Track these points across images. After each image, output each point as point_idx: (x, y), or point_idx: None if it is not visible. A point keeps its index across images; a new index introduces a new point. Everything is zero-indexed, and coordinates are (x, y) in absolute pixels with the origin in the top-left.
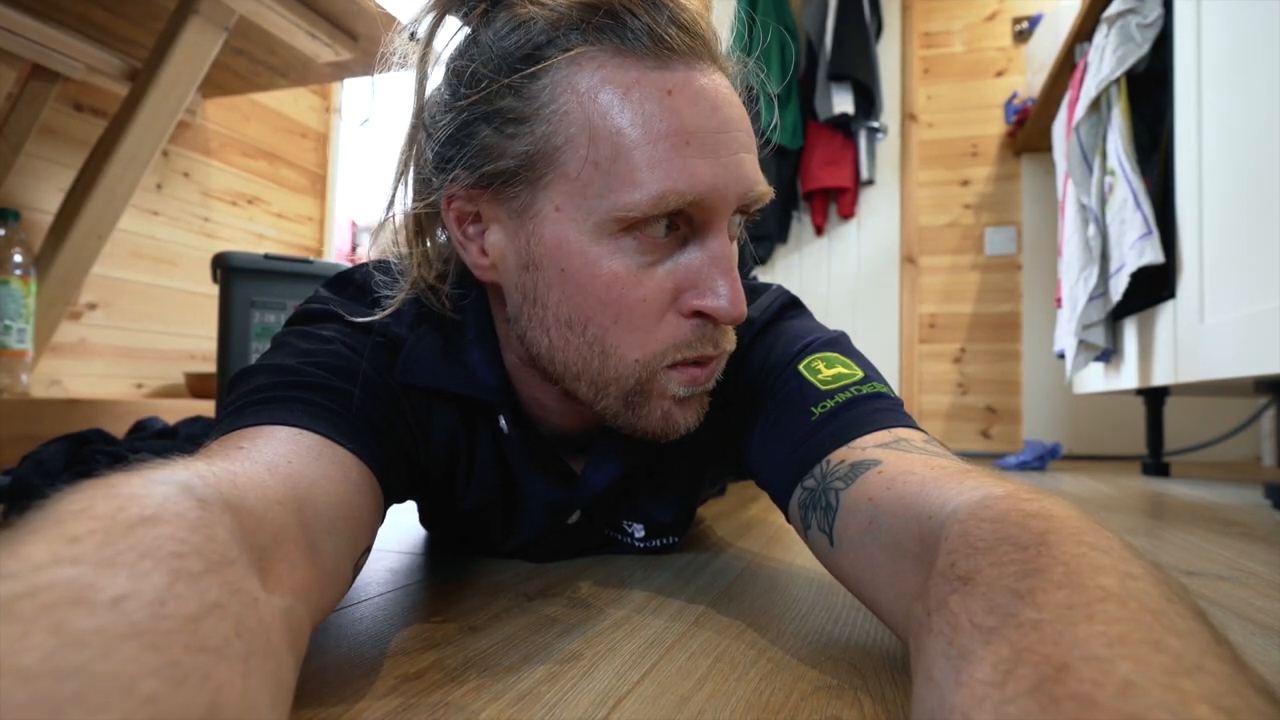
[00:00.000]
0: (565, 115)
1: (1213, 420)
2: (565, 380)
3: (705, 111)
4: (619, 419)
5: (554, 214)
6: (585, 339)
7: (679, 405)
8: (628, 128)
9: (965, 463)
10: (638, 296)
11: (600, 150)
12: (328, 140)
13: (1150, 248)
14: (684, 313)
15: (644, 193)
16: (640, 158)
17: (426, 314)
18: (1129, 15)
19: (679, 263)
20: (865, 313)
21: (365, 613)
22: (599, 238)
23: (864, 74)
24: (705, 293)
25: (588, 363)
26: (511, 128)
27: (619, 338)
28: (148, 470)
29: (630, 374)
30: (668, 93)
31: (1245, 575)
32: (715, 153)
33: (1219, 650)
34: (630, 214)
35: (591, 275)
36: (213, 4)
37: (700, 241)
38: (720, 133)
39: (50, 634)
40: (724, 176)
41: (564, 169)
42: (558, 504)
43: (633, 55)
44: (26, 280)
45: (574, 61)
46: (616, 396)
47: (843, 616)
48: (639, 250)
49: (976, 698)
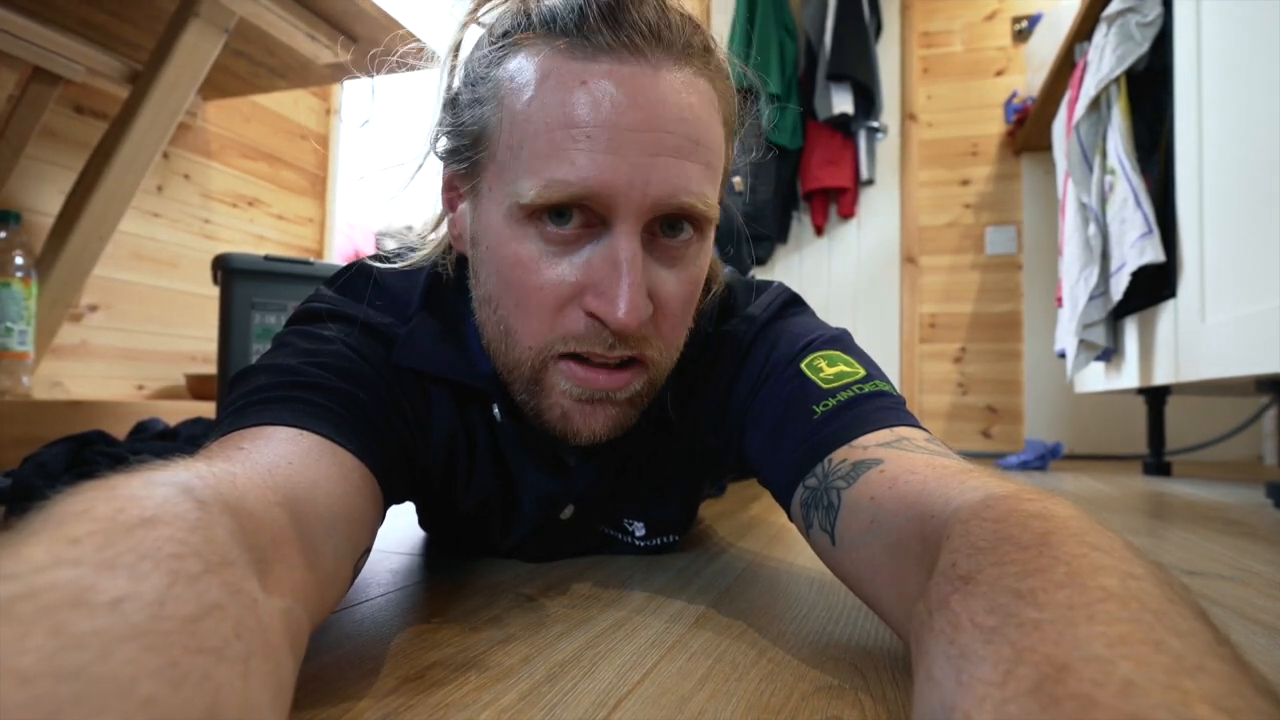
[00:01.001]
0: (499, 101)
1: (1214, 420)
2: (492, 359)
3: (620, 107)
4: (528, 409)
5: (488, 193)
6: (496, 318)
7: (578, 406)
8: (534, 115)
9: (967, 462)
10: (536, 284)
11: (514, 136)
12: (328, 142)
13: (1151, 247)
14: (585, 310)
15: (534, 180)
16: (539, 146)
17: (429, 303)
18: (1129, 14)
19: (584, 259)
20: (866, 313)
21: (366, 613)
22: (509, 221)
23: (863, 74)
24: (600, 295)
25: (499, 343)
26: (469, 111)
27: (519, 322)
28: (148, 472)
29: (525, 360)
30: (581, 84)
31: (1247, 575)
32: (620, 149)
33: (1220, 650)
34: (521, 200)
35: (502, 257)
36: (213, 6)
37: (607, 242)
38: (635, 130)
39: (49, 635)
40: (626, 174)
41: (492, 151)
42: (552, 496)
43: (568, 46)
44: (28, 282)
45: (517, 48)
46: (521, 384)
47: (844, 616)
48: (541, 239)
49: (977, 697)
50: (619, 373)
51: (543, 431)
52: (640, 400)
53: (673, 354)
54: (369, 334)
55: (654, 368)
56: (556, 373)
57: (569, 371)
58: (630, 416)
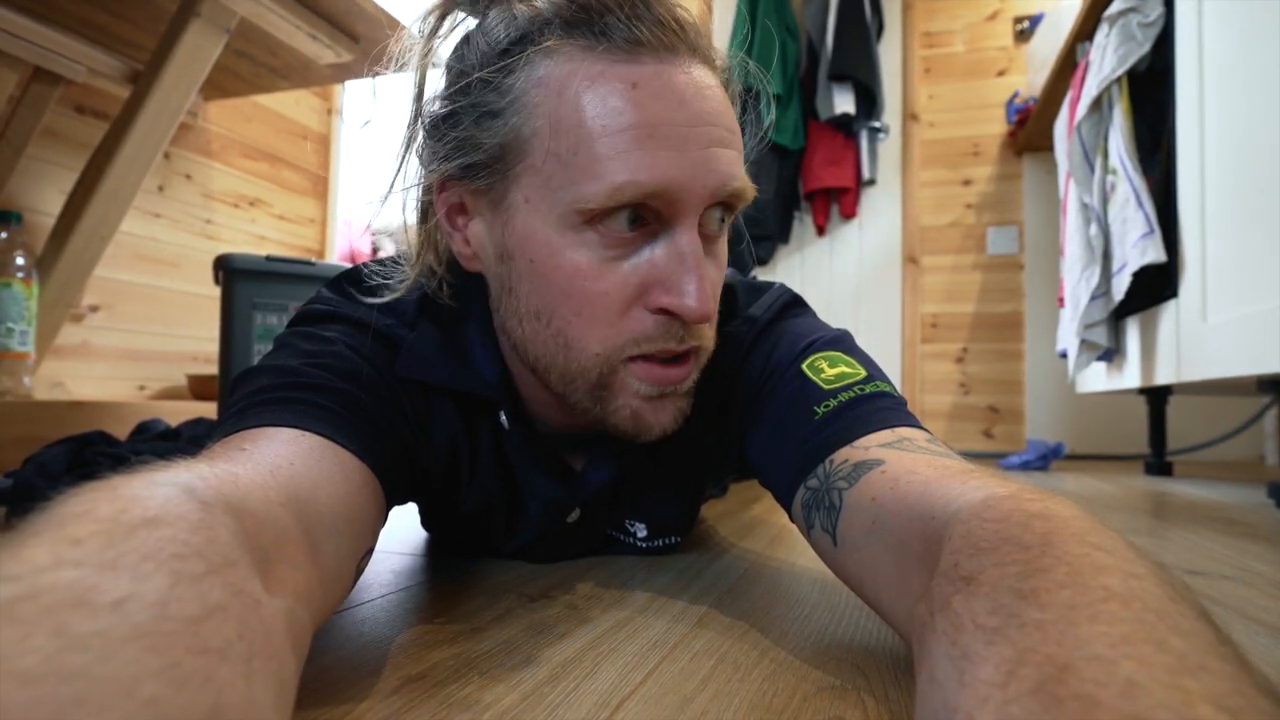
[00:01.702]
0: (534, 108)
1: (1216, 420)
2: (539, 373)
3: (672, 105)
4: (591, 415)
5: (524, 205)
6: (550, 331)
7: (649, 404)
8: (589, 120)
9: (968, 462)
10: (600, 290)
11: (562, 142)
12: (329, 142)
13: (1152, 247)
14: (650, 308)
15: (601, 184)
16: (600, 149)
17: (428, 311)
18: (1130, 14)
19: (646, 258)
20: (867, 313)
21: (368, 614)
22: (563, 230)
23: (865, 74)
24: (671, 290)
25: (554, 355)
26: (488, 120)
27: (581, 330)
28: (150, 472)
29: (592, 367)
30: (633, 85)
31: (1249, 575)
32: (681, 146)
33: (1222, 650)
34: (588, 205)
35: (555, 267)
36: (214, 6)
37: (668, 237)
38: (688, 126)
39: (52, 636)
40: (689, 170)
41: (531, 160)
42: (558, 502)
43: (603, 49)
44: (29, 283)
45: (546, 54)
46: (584, 391)
47: (846, 617)
48: (602, 244)
49: (979, 698)
50: (680, 365)
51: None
52: (692, 390)
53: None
54: (370, 335)
55: (704, 356)
56: (627, 375)
57: (641, 372)
58: (688, 406)
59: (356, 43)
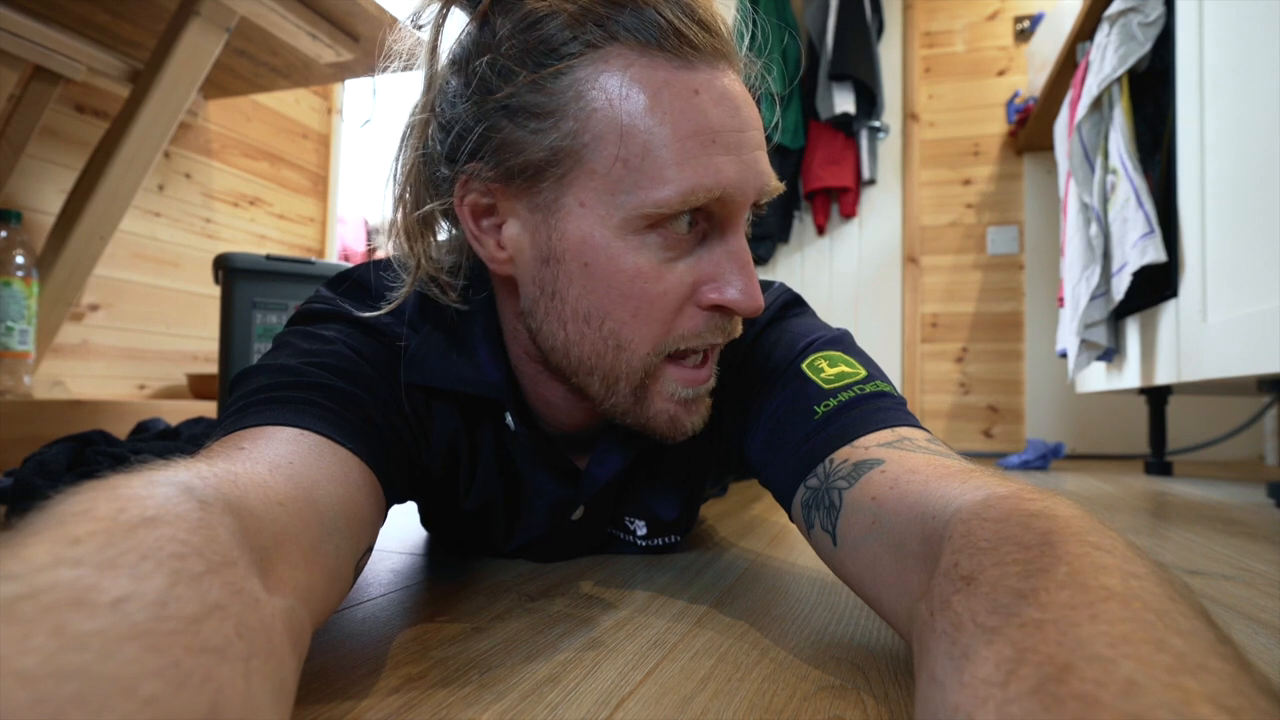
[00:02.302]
0: (594, 113)
1: (1216, 419)
2: (579, 375)
3: (729, 111)
4: (629, 416)
5: (578, 209)
6: (602, 333)
7: (683, 408)
8: (658, 126)
9: (968, 462)
10: (659, 290)
11: (630, 148)
12: (329, 141)
13: (1152, 246)
14: (702, 305)
15: (672, 189)
16: (669, 155)
17: (428, 312)
18: (1131, 14)
19: (699, 258)
20: (867, 312)
21: (368, 613)
22: (624, 234)
23: (865, 73)
24: (724, 287)
25: (601, 356)
26: (535, 123)
27: (636, 331)
28: (149, 471)
29: (639, 368)
30: (695, 92)
31: (1249, 574)
32: (738, 151)
33: (1222, 650)
34: (660, 210)
35: (616, 269)
36: (214, 5)
37: (719, 237)
38: (741, 131)
39: (51, 635)
40: (745, 173)
41: (590, 165)
42: (564, 500)
43: (659, 54)
44: (29, 281)
45: (601, 58)
46: (626, 393)
47: (846, 616)
48: (663, 246)
49: (979, 697)
50: (705, 367)
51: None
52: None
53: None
54: (369, 334)
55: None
56: (663, 377)
57: (676, 375)
58: (709, 406)
59: (356, 42)
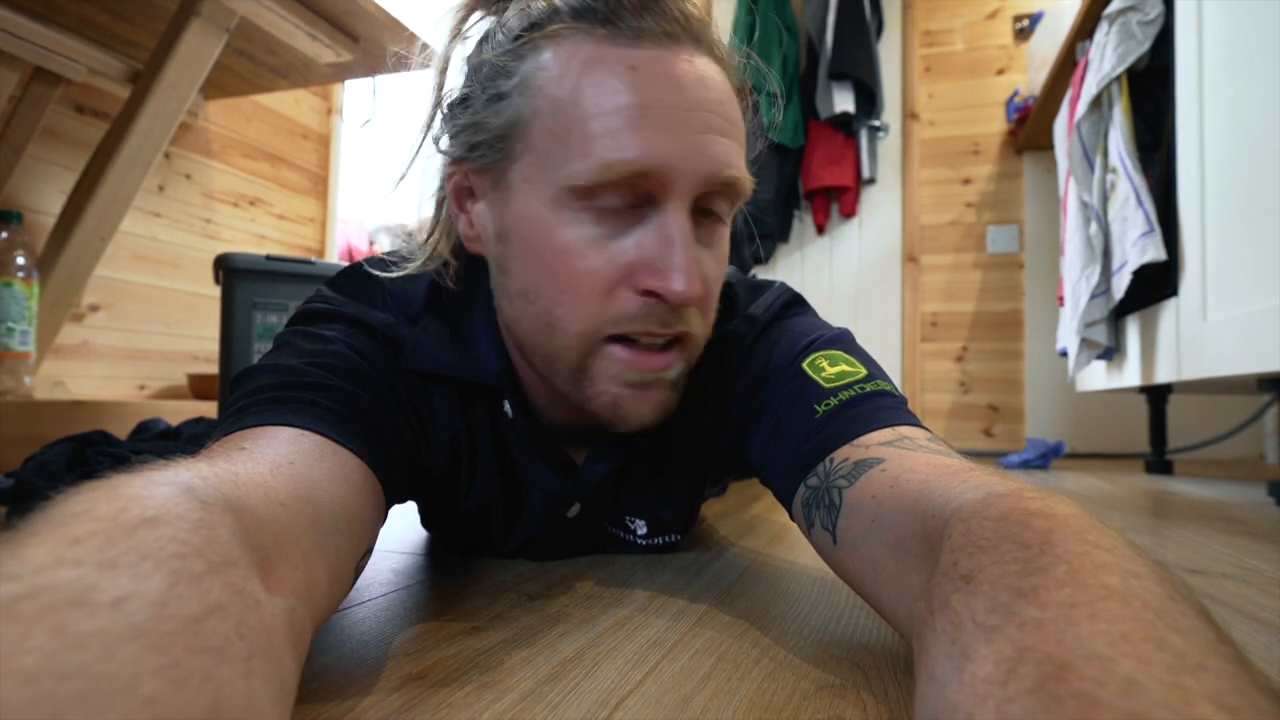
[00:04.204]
0: (537, 90)
1: (1216, 418)
2: (525, 353)
3: (669, 88)
4: (573, 399)
5: (522, 185)
6: (536, 309)
7: (629, 392)
8: (585, 100)
9: (968, 461)
10: (585, 267)
11: (559, 121)
12: (329, 141)
13: (1152, 245)
14: (637, 290)
15: (589, 162)
16: (594, 128)
17: (434, 305)
18: (1130, 12)
19: (634, 239)
20: (867, 311)
21: (368, 613)
22: (556, 208)
23: (865, 72)
24: (657, 271)
25: (538, 335)
26: (495, 103)
27: (566, 309)
28: (149, 471)
29: (573, 348)
30: (631, 68)
31: (1249, 573)
32: (673, 129)
33: (1222, 648)
34: (577, 183)
35: (546, 244)
36: (214, 6)
37: (658, 219)
38: (683, 110)
39: (51, 635)
40: (679, 152)
41: (530, 141)
42: (559, 495)
43: (607, 35)
44: (29, 282)
45: (551, 39)
46: (565, 374)
47: (846, 615)
48: (593, 222)
49: (979, 696)
50: (665, 354)
51: (554, 427)
52: (680, 382)
53: (708, 334)
54: (370, 334)
55: (693, 346)
56: (604, 359)
57: (618, 356)
58: (673, 400)
59: (356, 42)
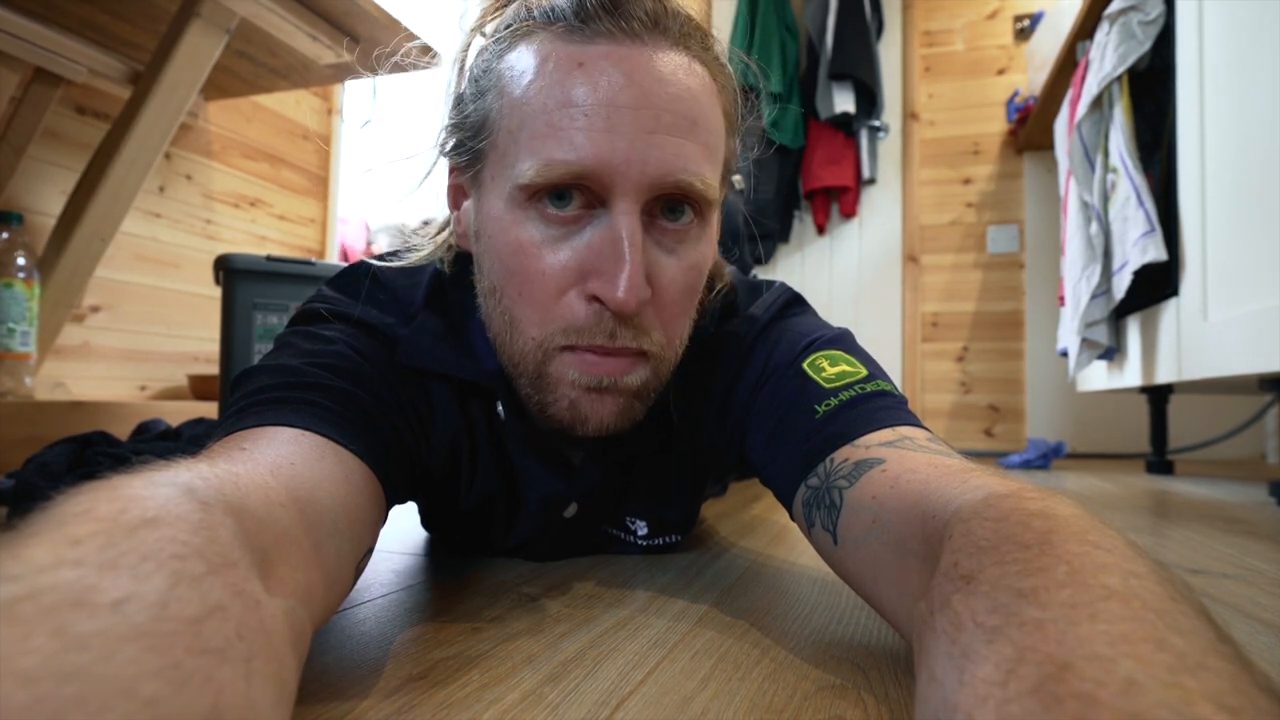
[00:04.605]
0: (500, 89)
1: (1217, 418)
2: (496, 352)
3: (617, 86)
4: (533, 402)
5: (490, 183)
6: (501, 308)
7: (586, 395)
8: (533, 97)
9: (969, 461)
10: (538, 269)
11: (513, 120)
12: (329, 142)
13: (1153, 245)
14: (585, 295)
15: (530, 162)
16: (537, 126)
17: (433, 303)
18: (1131, 12)
19: (583, 241)
20: (867, 312)
21: (369, 613)
22: (511, 207)
23: (865, 73)
24: (599, 275)
25: (502, 335)
26: (471, 104)
27: (523, 311)
28: (150, 472)
29: (530, 351)
30: (578, 65)
31: (1250, 573)
32: (618, 128)
33: (1223, 648)
34: (520, 181)
35: (504, 243)
36: (214, 6)
37: (605, 222)
38: (632, 108)
39: (52, 636)
40: (624, 152)
41: (494, 139)
42: (555, 496)
43: (565, 31)
44: (30, 283)
45: (518, 39)
46: (527, 377)
47: (846, 616)
48: (543, 222)
49: (979, 697)
50: (620, 358)
51: (547, 428)
52: (646, 393)
53: (676, 346)
54: (370, 334)
55: (655, 360)
56: (561, 363)
57: (573, 360)
58: (637, 410)
59: (356, 43)
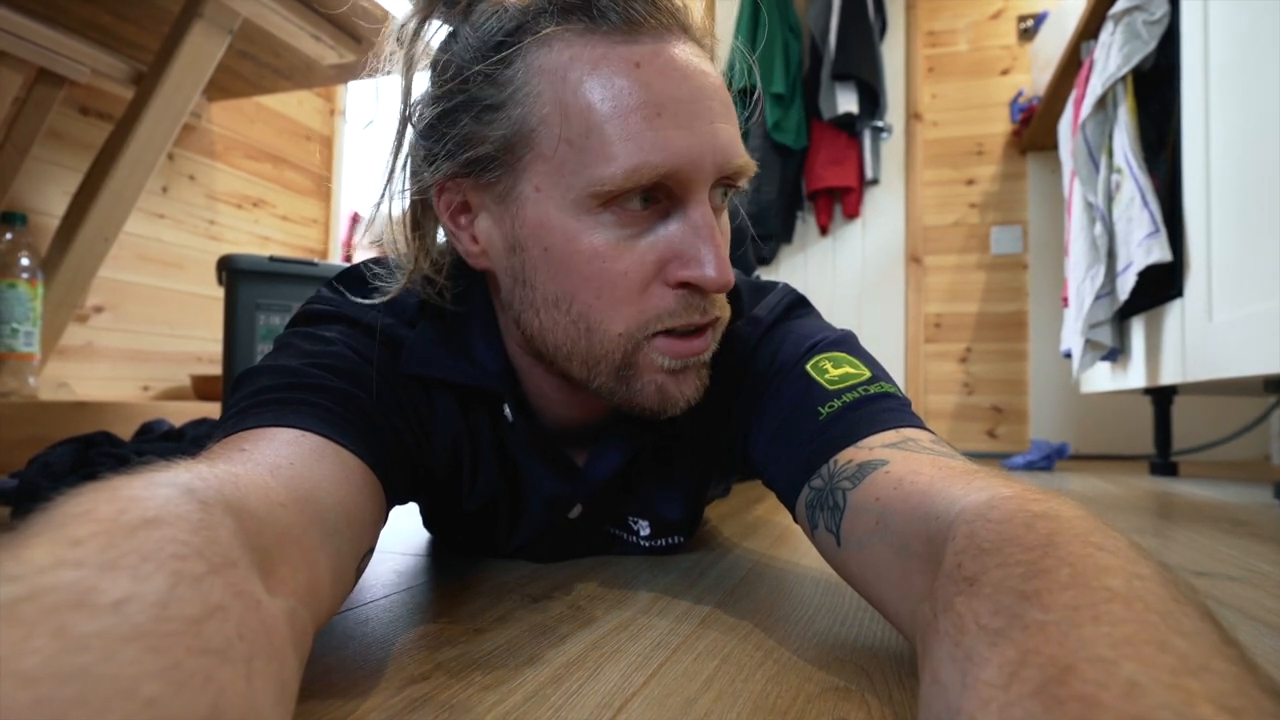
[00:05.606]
0: (538, 96)
1: (1221, 419)
2: (559, 361)
3: (675, 81)
4: (616, 397)
5: (534, 194)
6: (571, 317)
7: (672, 378)
8: (598, 103)
9: (972, 463)
10: (619, 270)
11: (573, 127)
12: (332, 142)
13: (1158, 246)
14: (670, 284)
15: (617, 166)
16: (612, 131)
17: (428, 310)
18: (1135, 12)
19: (661, 235)
20: (871, 313)
21: (371, 614)
22: (578, 214)
23: (868, 73)
24: (690, 262)
25: (575, 341)
26: (489, 114)
27: (603, 313)
28: (150, 473)
29: (616, 348)
30: (636, 65)
31: (1254, 575)
32: (689, 123)
33: (1226, 651)
34: (605, 188)
35: (574, 251)
36: (217, 7)
37: (681, 212)
38: (693, 102)
39: (52, 637)
40: (699, 147)
41: (539, 149)
42: (560, 497)
43: (600, 32)
44: (34, 283)
45: (543, 43)
46: (608, 374)
47: (849, 617)
48: (618, 224)
49: (982, 699)
50: (701, 337)
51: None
52: (709, 361)
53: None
54: (370, 335)
55: (721, 325)
56: (651, 352)
57: (664, 348)
58: (706, 377)
59: (359, 43)
